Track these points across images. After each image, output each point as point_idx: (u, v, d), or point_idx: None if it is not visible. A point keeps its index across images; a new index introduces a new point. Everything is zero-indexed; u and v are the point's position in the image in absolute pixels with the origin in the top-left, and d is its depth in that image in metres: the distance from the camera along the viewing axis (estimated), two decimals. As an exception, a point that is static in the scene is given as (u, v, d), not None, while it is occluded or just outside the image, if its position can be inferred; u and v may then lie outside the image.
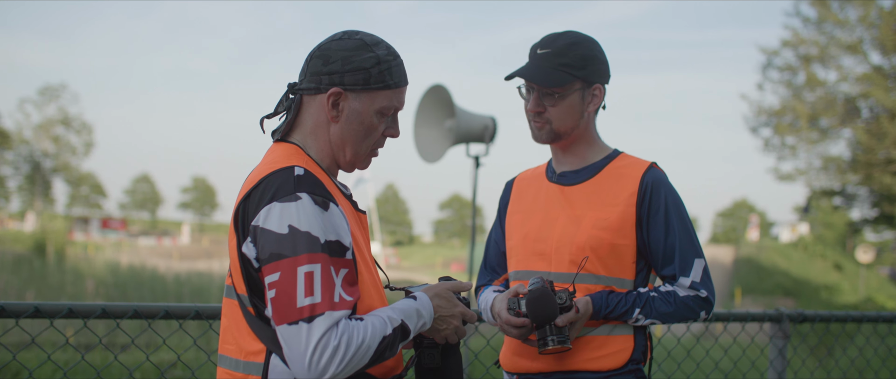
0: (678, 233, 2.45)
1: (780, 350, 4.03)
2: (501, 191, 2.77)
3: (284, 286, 1.76)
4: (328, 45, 1.95)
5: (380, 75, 1.94)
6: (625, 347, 2.44)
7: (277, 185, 1.83)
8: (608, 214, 2.44)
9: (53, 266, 21.64)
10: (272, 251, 1.78)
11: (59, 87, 67.56)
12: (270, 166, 1.89)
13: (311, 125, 1.98)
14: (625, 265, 2.46)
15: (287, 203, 1.80)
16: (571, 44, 2.43)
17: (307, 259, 1.76)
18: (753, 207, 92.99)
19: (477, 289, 2.72)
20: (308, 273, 1.75)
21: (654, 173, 2.48)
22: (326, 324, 1.73)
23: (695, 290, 2.45)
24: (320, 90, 1.94)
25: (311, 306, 1.74)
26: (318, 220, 1.80)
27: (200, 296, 15.75)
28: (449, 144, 7.76)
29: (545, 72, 2.42)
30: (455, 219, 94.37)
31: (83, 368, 6.75)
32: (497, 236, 2.72)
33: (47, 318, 2.94)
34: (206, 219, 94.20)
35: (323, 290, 1.75)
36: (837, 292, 29.94)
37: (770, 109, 28.35)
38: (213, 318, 3.08)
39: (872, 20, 25.33)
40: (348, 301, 1.79)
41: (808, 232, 55.63)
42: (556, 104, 2.45)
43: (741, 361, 8.22)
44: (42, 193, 69.92)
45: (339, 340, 1.73)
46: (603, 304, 2.40)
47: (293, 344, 1.74)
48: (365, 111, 1.96)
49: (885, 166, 25.68)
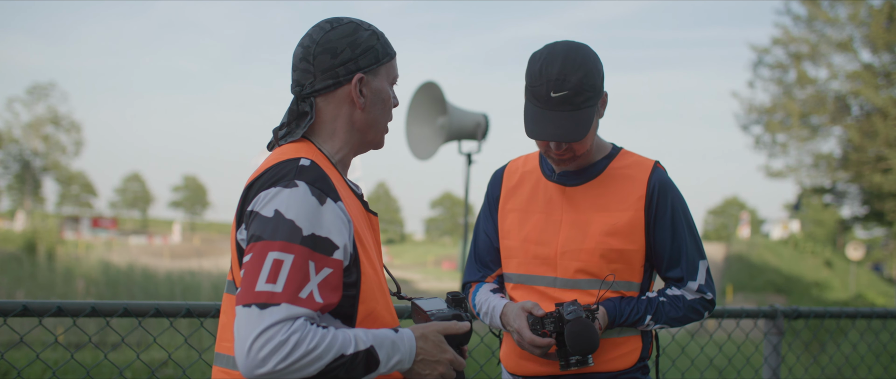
0: (685, 236, 2.43)
1: (774, 346, 4.01)
2: (489, 180, 2.68)
3: (251, 268, 1.68)
4: (325, 37, 1.88)
5: (383, 48, 1.93)
6: (635, 348, 2.45)
7: (279, 173, 1.78)
8: (617, 219, 2.40)
9: (43, 265, 21.51)
10: (253, 233, 1.72)
11: (48, 86, 67.42)
12: (278, 157, 1.85)
13: (332, 122, 1.92)
14: (633, 270, 2.43)
15: (281, 189, 1.74)
16: (584, 76, 2.29)
17: (281, 247, 1.68)
18: (744, 204, 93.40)
19: (466, 284, 2.65)
20: (277, 260, 1.66)
21: (660, 175, 2.45)
22: (279, 315, 1.62)
23: (701, 292, 2.46)
24: (340, 83, 1.88)
25: (270, 294, 1.64)
26: (308, 211, 1.72)
27: (191, 294, 15.65)
28: (441, 142, 7.74)
29: (574, 122, 2.30)
30: (446, 217, 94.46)
31: (73, 367, 6.70)
32: (487, 229, 2.62)
33: (36, 316, 2.90)
34: (196, 218, 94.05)
35: (288, 281, 1.65)
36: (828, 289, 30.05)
37: (761, 107, 28.44)
38: (205, 316, 3.04)
39: (862, 18, 25.43)
40: (318, 302, 1.68)
41: (798, 229, 55.83)
42: (583, 139, 2.35)
43: (736, 358, 8.23)
44: (32, 191, 69.66)
45: (287, 336, 1.61)
46: (617, 313, 2.39)
47: (241, 326, 1.63)
48: (383, 87, 1.94)
49: (875, 164, 25.78)
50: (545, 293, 2.46)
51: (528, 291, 2.49)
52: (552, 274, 2.44)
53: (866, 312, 4.32)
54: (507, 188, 2.59)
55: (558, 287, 2.44)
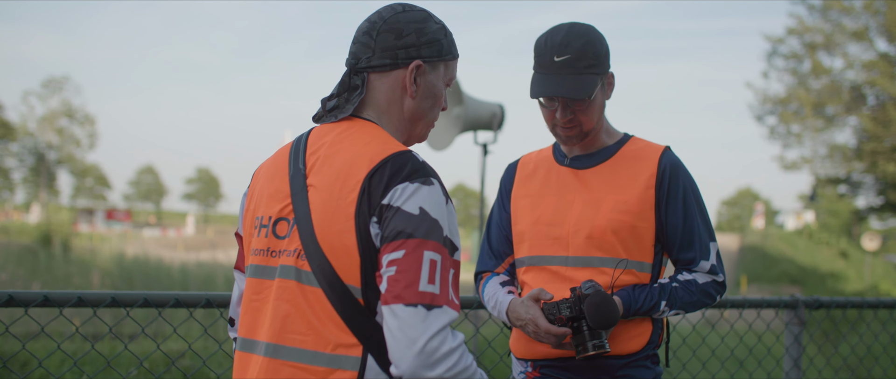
0: (697, 217, 2.45)
1: (795, 337, 3.99)
2: (502, 173, 2.72)
3: (407, 266, 1.64)
4: (395, 18, 1.86)
5: (449, 45, 1.91)
6: (643, 331, 2.44)
7: (409, 167, 1.72)
8: (628, 196, 2.43)
9: (59, 257, 21.64)
10: (400, 229, 1.67)
11: (62, 80, 67.85)
12: (383, 146, 1.77)
13: (384, 104, 1.88)
14: (644, 248, 2.44)
15: (420, 185, 1.70)
16: (586, 43, 2.37)
17: (434, 247, 1.65)
18: (758, 195, 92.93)
19: (478, 275, 2.66)
20: (433, 260, 1.64)
21: (671, 156, 2.48)
22: (445, 319, 1.62)
23: (713, 274, 2.46)
24: (397, 65, 1.86)
25: (433, 295, 1.62)
26: (443, 211, 1.71)
27: (206, 286, 15.71)
28: (457, 132, 7.70)
29: (575, 83, 2.37)
30: (460, 208, 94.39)
31: (92, 357, 6.72)
32: (500, 219, 2.64)
33: (57, 306, 2.90)
34: (210, 210, 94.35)
35: (442, 283, 1.65)
36: (843, 280, 29.89)
37: (775, 98, 28.32)
38: (224, 306, 3.05)
39: (877, 7, 25.23)
40: (457, 304, 1.67)
41: (813, 220, 55.57)
42: (587, 109, 2.41)
43: (757, 348, 8.18)
44: (47, 184, 70.09)
45: (456, 345, 1.62)
46: (631, 300, 2.39)
47: (407, 326, 1.60)
48: (437, 83, 1.91)
49: (890, 154, 25.62)
50: (557, 273, 2.45)
51: (540, 271, 2.48)
52: (564, 253, 2.45)
53: (887, 302, 4.29)
54: (521, 177, 2.63)
55: (570, 265, 2.44)
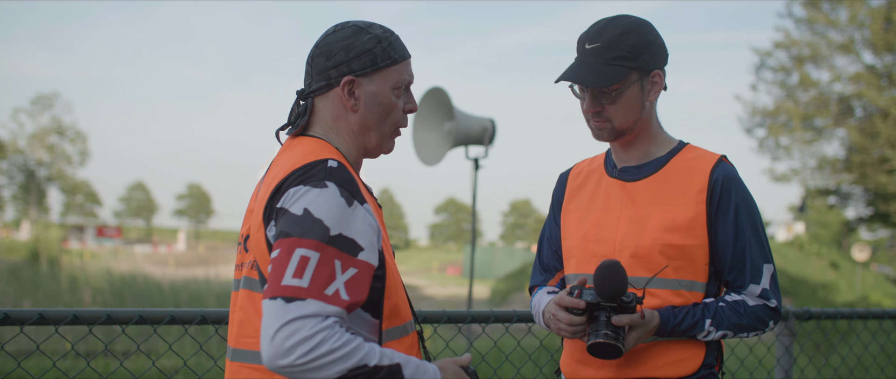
0: (749, 236, 2.27)
1: (786, 348, 4.01)
2: (555, 184, 2.60)
3: (278, 263, 1.70)
4: (325, 40, 1.96)
5: (384, 52, 1.95)
6: (696, 353, 2.27)
7: (309, 173, 1.81)
8: (676, 213, 2.27)
9: (47, 275, 21.52)
10: (282, 229, 1.75)
11: (52, 97, 67.59)
12: (305, 157, 1.86)
13: (330, 120, 1.97)
14: (697, 268, 2.27)
15: (311, 189, 1.77)
16: (622, 33, 2.24)
17: (308, 244, 1.70)
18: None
19: (531, 289, 2.59)
20: (304, 257, 1.69)
21: (725, 168, 2.31)
22: (306, 310, 1.64)
23: (765, 298, 2.28)
24: (332, 85, 1.94)
25: (296, 289, 1.66)
26: (336, 212, 1.75)
27: (198, 302, 15.62)
28: (448, 147, 7.74)
29: (596, 71, 2.23)
30: (451, 222, 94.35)
31: (88, 375, 6.69)
32: (551, 233, 2.54)
33: (52, 324, 2.91)
34: (201, 226, 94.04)
35: (314, 278, 1.68)
36: (834, 291, 29.96)
37: (764, 110, 28.43)
38: (219, 323, 3.05)
39: (862, 20, 25.41)
40: (344, 299, 1.69)
41: (803, 231, 55.69)
42: (615, 101, 2.26)
43: (748, 360, 8.20)
44: (37, 201, 69.74)
45: (313, 332, 1.63)
46: (671, 315, 2.23)
47: (266, 318, 1.65)
48: (381, 91, 1.96)
49: (878, 165, 25.75)
50: None
51: None
52: None
53: (877, 312, 4.32)
54: (571, 189, 2.51)
55: None
